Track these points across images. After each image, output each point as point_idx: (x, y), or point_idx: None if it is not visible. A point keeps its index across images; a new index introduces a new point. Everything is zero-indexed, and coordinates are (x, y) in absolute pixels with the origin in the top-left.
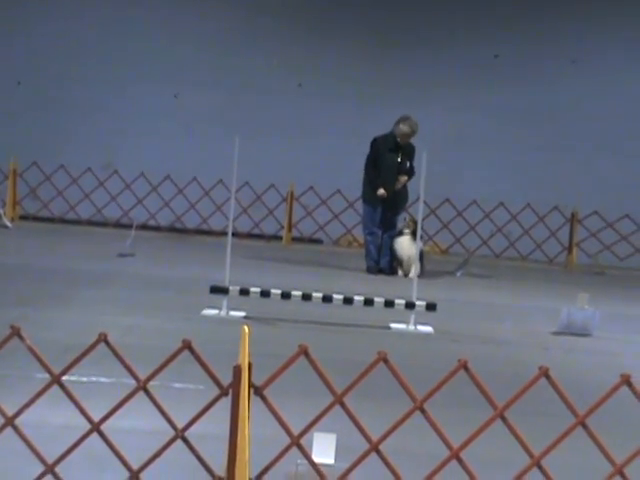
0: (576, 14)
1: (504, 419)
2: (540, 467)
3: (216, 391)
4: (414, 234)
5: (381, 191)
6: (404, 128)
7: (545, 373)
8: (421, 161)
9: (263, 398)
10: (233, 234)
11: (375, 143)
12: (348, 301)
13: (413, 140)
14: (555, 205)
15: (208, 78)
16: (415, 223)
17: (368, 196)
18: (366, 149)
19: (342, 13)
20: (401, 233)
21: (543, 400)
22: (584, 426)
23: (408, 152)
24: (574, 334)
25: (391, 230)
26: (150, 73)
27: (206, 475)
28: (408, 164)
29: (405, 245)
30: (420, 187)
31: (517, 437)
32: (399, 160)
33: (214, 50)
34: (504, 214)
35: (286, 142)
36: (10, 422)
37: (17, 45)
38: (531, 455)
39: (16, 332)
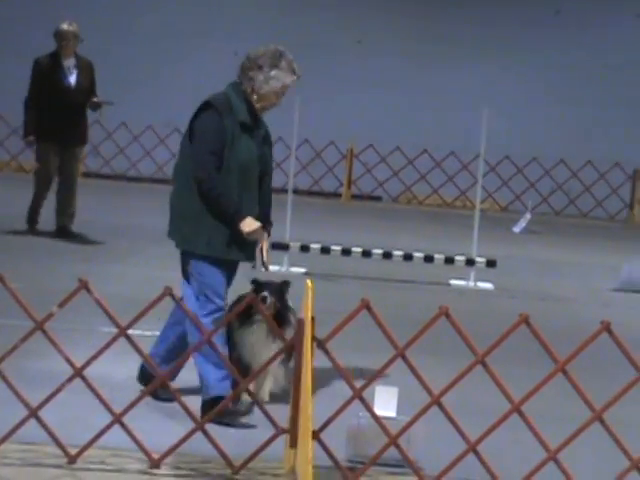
0: None
1: (565, 373)
2: (602, 421)
3: None
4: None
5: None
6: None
7: (607, 328)
8: (481, 119)
9: (326, 351)
10: (293, 191)
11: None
12: (408, 257)
13: None
14: (616, 162)
15: (268, 36)
16: (281, 299)
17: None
18: (427, 105)
19: None
20: (251, 320)
21: (604, 356)
22: None
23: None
24: (635, 291)
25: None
26: (211, 30)
27: (271, 427)
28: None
29: (256, 344)
30: (481, 144)
31: (578, 391)
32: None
33: (273, 8)
34: (564, 171)
35: (346, 99)
36: (79, 373)
37: (82, 4)
38: (593, 409)
39: (84, 285)
